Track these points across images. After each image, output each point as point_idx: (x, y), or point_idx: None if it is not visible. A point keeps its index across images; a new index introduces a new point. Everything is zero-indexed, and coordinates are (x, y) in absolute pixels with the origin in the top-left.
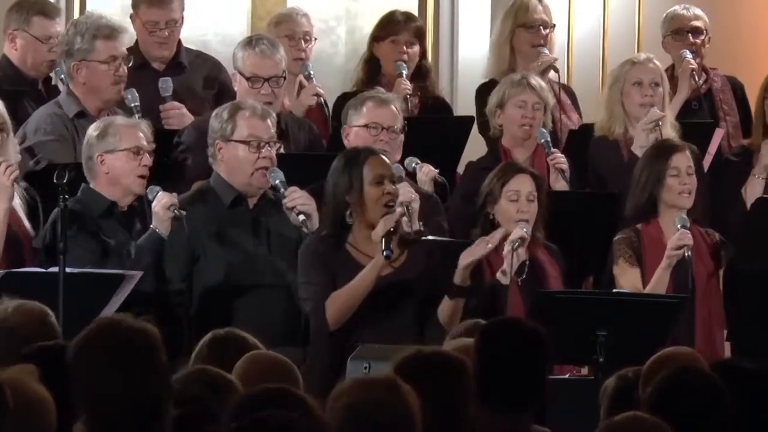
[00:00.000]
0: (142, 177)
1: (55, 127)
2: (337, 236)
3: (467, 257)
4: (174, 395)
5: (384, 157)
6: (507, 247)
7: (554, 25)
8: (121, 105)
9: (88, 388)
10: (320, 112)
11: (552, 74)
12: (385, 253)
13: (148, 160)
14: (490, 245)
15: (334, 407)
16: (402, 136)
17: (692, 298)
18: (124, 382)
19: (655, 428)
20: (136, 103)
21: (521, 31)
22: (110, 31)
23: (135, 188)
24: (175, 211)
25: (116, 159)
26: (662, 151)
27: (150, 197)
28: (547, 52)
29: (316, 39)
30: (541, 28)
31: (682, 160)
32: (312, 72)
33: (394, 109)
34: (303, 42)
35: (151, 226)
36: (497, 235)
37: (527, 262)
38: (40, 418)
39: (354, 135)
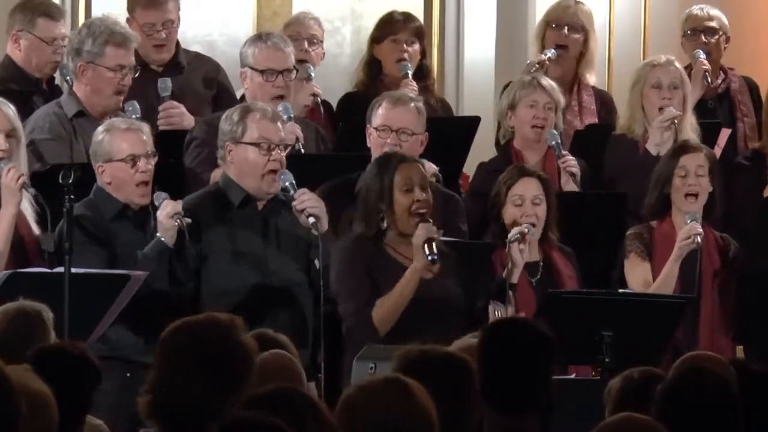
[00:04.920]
0: (142, 184)
1: (52, 126)
2: (373, 237)
3: None
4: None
5: (418, 163)
6: (508, 244)
7: (586, 30)
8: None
9: None
10: (317, 113)
11: (588, 77)
12: (430, 257)
13: (145, 166)
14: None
15: (355, 420)
16: (417, 137)
17: (697, 299)
18: None
19: (648, 428)
20: (138, 115)
21: (549, 30)
22: (123, 39)
23: (134, 198)
24: (179, 219)
25: (114, 169)
26: (676, 150)
27: (156, 203)
28: (548, 53)
29: (323, 43)
30: (567, 28)
31: (693, 161)
32: (312, 74)
33: (408, 109)
34: (307, 43)
35: (157, 234)
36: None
37: (541, 264)
38: (44, 415)
39: (371, 136)
